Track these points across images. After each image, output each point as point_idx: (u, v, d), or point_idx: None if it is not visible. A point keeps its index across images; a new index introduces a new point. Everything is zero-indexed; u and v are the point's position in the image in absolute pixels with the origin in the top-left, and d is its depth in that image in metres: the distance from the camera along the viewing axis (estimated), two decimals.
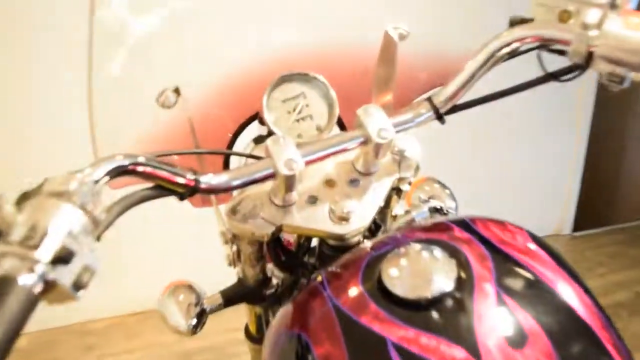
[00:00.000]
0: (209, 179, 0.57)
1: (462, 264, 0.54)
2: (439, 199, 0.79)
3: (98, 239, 0.45)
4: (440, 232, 0.60)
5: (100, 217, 0.45)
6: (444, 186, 0.82)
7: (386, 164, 0.72)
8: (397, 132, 0.65)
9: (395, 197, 0.77)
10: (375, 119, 0.63)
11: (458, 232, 0.59)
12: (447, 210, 0.79)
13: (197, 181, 0.56)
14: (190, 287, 0.73)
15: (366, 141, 0.64)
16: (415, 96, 0.77)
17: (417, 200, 0.80)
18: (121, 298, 2.28)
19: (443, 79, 0.70)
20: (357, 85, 0.77)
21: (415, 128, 0.70)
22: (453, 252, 0.54)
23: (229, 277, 0.80)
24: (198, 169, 0.58)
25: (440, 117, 0.70)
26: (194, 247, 1.94)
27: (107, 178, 0.48)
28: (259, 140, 0.76)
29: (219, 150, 0.78)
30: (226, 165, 0.80)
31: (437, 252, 0.54)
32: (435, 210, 0.79)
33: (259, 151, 0.73)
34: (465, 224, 0.61)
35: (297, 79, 0.72)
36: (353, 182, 0.69)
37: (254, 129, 0.77)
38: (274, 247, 0.76)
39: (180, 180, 0.54)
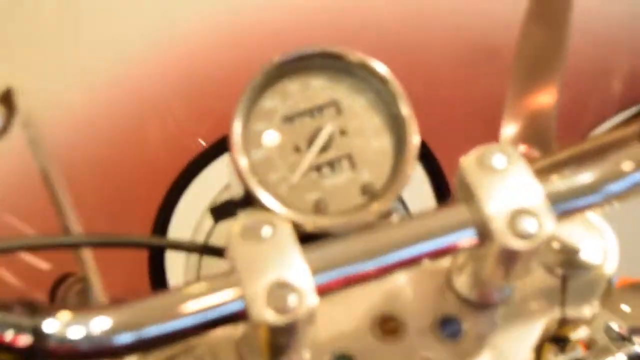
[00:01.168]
0: (65, 328, 0.26)
1: None
2: None
3: None
4: None
5: None
6: None
7: (531, 285, 0.35)
8: (563, 216, 0.30)
9: (550, 346, 0.38)
10: (504, 185, 0.29)
11: None
12: None
13: (41, 336, 0.26)
14: None
15: (483, 237, 0.29)
16: (603, 119, 0.43)
17: (603, 334, 0.46)
18: None
19: None
20: (465, 89, 0.40)
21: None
22: None
23: None
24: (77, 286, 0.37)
25: None
26: None
27: None
28: (222, 211, 0.39)
29: (128, 237, 0.36)
30: (156, 275, 0.43)
31: None
32: None
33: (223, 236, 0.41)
34: None
35: (318, 68, 0.37)
36: (446, 326, 0.35)
37: (220, 177, 0.41)
38: None
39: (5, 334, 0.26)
